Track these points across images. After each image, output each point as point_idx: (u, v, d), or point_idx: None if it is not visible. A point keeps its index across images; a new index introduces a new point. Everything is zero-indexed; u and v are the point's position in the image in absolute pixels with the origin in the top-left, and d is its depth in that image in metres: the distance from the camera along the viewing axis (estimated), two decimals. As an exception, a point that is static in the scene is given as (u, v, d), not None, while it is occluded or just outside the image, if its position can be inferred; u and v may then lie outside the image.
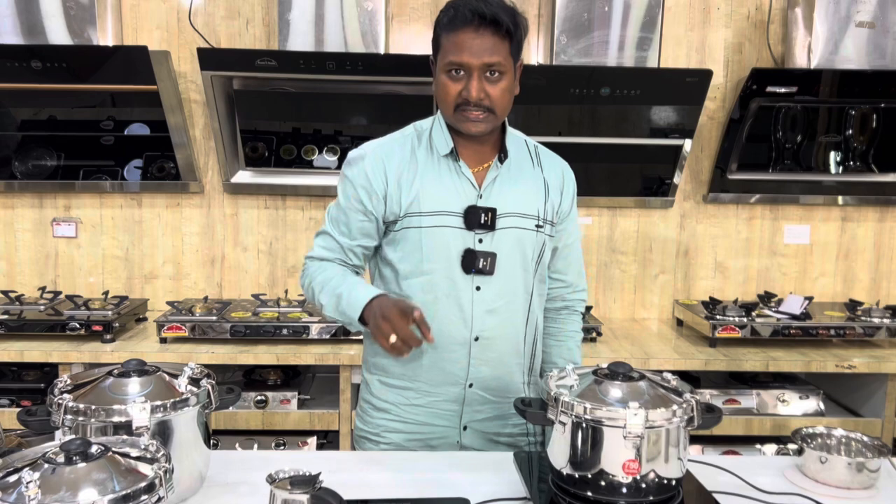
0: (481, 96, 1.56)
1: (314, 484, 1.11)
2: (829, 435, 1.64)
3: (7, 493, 0.97)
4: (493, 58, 1.54)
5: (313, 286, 1.67)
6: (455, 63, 1.56)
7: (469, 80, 1.56)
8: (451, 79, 1.58)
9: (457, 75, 1.57)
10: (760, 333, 2.82)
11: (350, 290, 1.60)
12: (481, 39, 1.54)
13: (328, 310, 1.63)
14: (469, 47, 1.54)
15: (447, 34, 1.57)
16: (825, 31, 2.89)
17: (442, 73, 1.59)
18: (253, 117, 3.02)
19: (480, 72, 1.55)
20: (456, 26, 1.55)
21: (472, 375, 1.68)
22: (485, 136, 1.67)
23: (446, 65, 1.57)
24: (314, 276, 1.68)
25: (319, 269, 1.69)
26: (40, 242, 3.18)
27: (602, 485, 1.30)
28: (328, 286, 1.64)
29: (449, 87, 1.58)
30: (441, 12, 1.60)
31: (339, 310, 1.60)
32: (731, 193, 3.20)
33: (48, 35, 2.79)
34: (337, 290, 1.61)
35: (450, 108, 1.60)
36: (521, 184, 1.70)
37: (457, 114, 1.60)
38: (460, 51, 1.54)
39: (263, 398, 2.68)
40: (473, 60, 1.54)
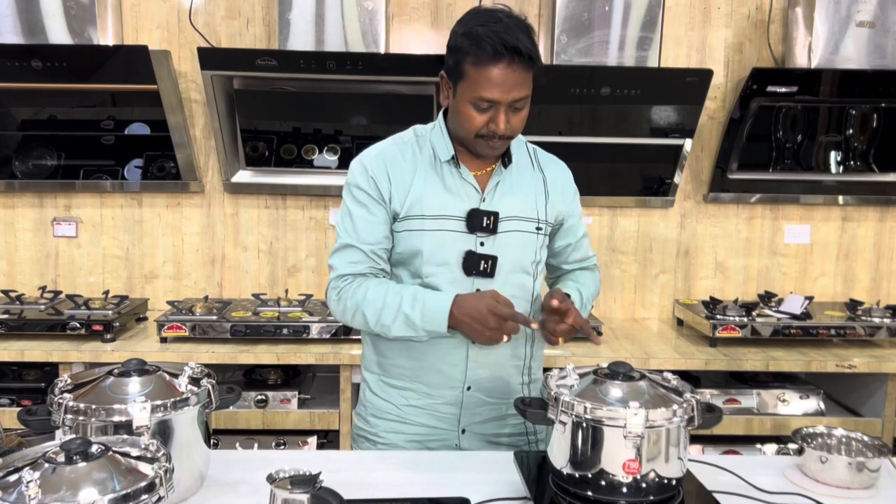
0: (507, 129, 1.56)
1: (314, 484, 1.11)
2: (829, 435, 1.64)
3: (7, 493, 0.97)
4: (522, 92, 1.54)
5: (364, 311, 1.60)
6: (486, 99, 1.53)
7: (497, 114, 1.55)
8: (478, 111, 1.56)
9: (483, 107, 1.55)
10: (761, 333, 2.82)
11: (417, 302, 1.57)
12: (514, 75, 1.51)
13: (396, 331, 1.58)
14: (501, 84, 1.51)
15: (476, 67, 1.52)
16: (825, 30, 2.89)
17: (467, 103, 1.56)
18: (253, 117, 3.02)
19: (508, 106, 1.54)
20: (486, 61, 1.50)
21: (471, 378, 1.69)
22: None
23: (474, 99, 1.54)
24: (360, 299, 1.61)
25: (360, 290, 1.62)
26: (41, 242, 3.18)
27: (602, 484, 1.30)
28: (387, 306, 1.58)
29: (474, 120, 1.57)
30: (461, 37, 1.54)
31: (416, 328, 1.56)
32: (731, 193, 3.20)
33: (48, 34, 2.79)
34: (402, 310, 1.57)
35: (471, 136, 1.60)
36: (523, 187, 1.71)
37: (477, 140, 1.60)
38: (491, 87, 1.51)
39: (264, 398, 2.68)
40: (504, 97, 1.53)
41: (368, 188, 1.66)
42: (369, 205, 1.66)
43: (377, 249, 1.66)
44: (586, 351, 2.73)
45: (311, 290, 3.17)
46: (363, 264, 1.65)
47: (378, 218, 1.66)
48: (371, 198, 1.66)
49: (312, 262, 3.22)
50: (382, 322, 1.59)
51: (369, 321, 1.61)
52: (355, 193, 1.68)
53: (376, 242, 1.66)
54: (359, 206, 1.67)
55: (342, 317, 1.67)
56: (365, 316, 1.61)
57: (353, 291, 1.62)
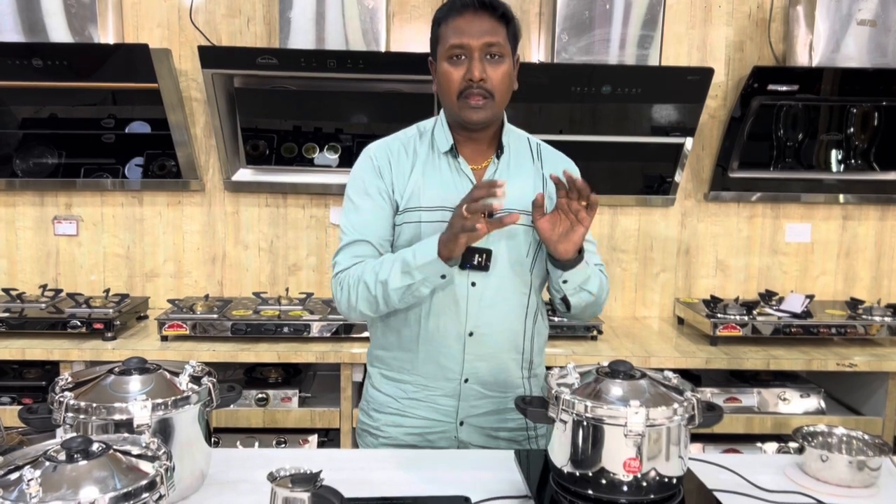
0: (483, 77, 1.58)
1: (315, 482, 1.11)
2: (829, 433, 1.64)
3: (8, 491, 0.97)
4: (493, 37, 1.58)
5: (364, 279, 1.59)
6: (456, 45, 1.58)
7: (471, 62, 1.58)
8: (453, 64, 1.60)
9: (458, 60, 1.59)
10: (761, 332, 2.82)
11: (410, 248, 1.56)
12: (480, 21, 1.58)
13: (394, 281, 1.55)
14: (468, 30, 1.58)
15: (446, 22, 1.61)
16: (826, 29, 2.89)
17: (443, 61, 1.61)
18: (254, 115, 3.02)
19: (481, 53, 1.58)
20: (454, 12, 1.60)
21: (468, 371, 1.69)
22: (484, 131, 1.68)
23: (448, 49, 1.59)
24: (361, 272, 1.61)
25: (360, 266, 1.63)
26: (41, 240, 3.18)
27: (603, 483, 1.30)
28: (384, 262, 1.58)
29: (451, 74, 1.60)
30: (438, 10, 1.65)
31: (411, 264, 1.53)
32: (732, 192, 3.20)
33: (49, 33, 2.79)
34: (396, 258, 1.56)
35: (453, 96, 1.62)
36: (520, 179, 1.71)
37: (460, 101, 1.61)
38: (461, 33, 1.58)
39: (264, 396, 2.68)
40: (474, 41, 1.57)
41: (374, 178, 1.68)
42: (375, 196, 1.67)
43: (383, 241, 1.67)
44: (587, 350, 2.74)
45: (311, 288, 3.17)
46: (367, 256, 1.66)
47: (383, 211, 1.67)
48: (377, 188, 1.67)
49: (313, 260, 3.22)
50: (381, 279, 1.57)
51: (370, 286, 1.59)
52: (361, 186, 1.69)
53: (383, 234, 1.67)
54: (365, 198, 1.68)
55: (347, 302, 1.64)
56: (366, 284, 1.59)
57: (353, 271, 1.64)
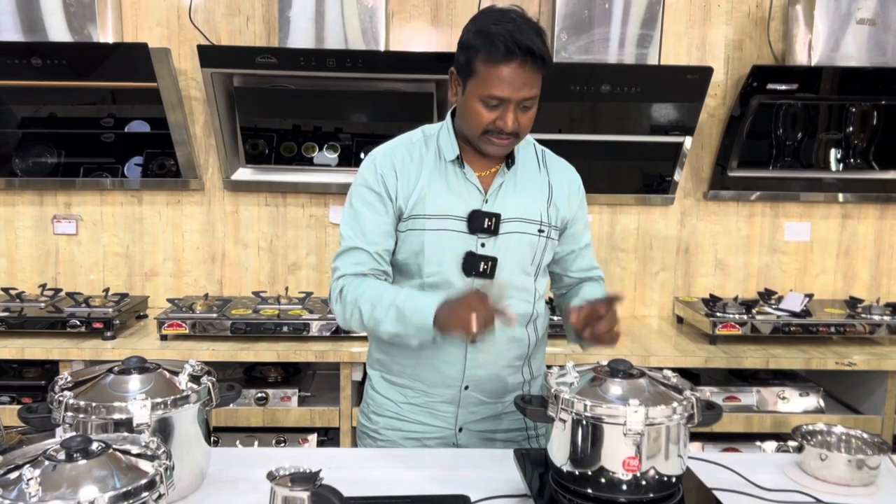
0: (515, 127, 1.56)
1: (314, 481, 1.11)
2: (829, 432, 1.64)
3: (8, 490, 0.98)
4: (532, 91, 1.54)
5: (360, 305, 1.59)
6: (495, 97, 1.53)
7: (505, 112, 1.55)
8: (486, 107, 1.56)
9: (492, 104, 1.55)
10: (761, 331, 2.82)
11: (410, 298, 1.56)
12: (525, 75, 1.51)
13: (387, 325, 1.56)
14: (511, 82, 1.51)
15: (487, 65, 1.52)
16: (826, 28, 2.89)
17: (476, 100, 1.56)
18: (253, 114, 3.02)
19: (517, 104, 1.55)
20: (497, 59, 1.51)
21: (468, 377, 1.69)
22: None
23: (483, 96, 1.54)
24: (359, 295, 1.60)
25: (360, 287, 1.61)
26: (41, 240, 3.18)
27: (602, 482, 1.30)
28: (382, 302, 1.57)
29: (482, 116, 1.56)
30: (473, 35, 1.55)
31: (406, 320, 1.53)
32: (731, 191, 3.20)
33: (48, 32, 2.79)
34: (395, 303, 1.55)
35: (477, 132, 1.60)
36: (527, 188, 1.70)
37: (483, 137, 1.59)
38: (502, 84, 1.51)
39: (264, 395, 2.68)
40: (513, 95, 1.53)
41: (377, 186, 1.66)
42: (377, 204, 1.66)
43: (381, 251, 1.66)
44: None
45: (311, 287, 3.17)
46: (367, 266, 1.65)
47: (384, 218, 1.66)
48: (379, 196, 1.66)
49: (312, 259, 3.22)
50: (375, 317, 1.57)
51: (364, 316, 1.59)
52: (363, 193, 1.68)
53: (381, 244, 1.66)
54: (366, 206, 1.67)
55: (342, 316, 1.65)
56: (361, 311, 1.59)
57: (354, 288, 1.62)
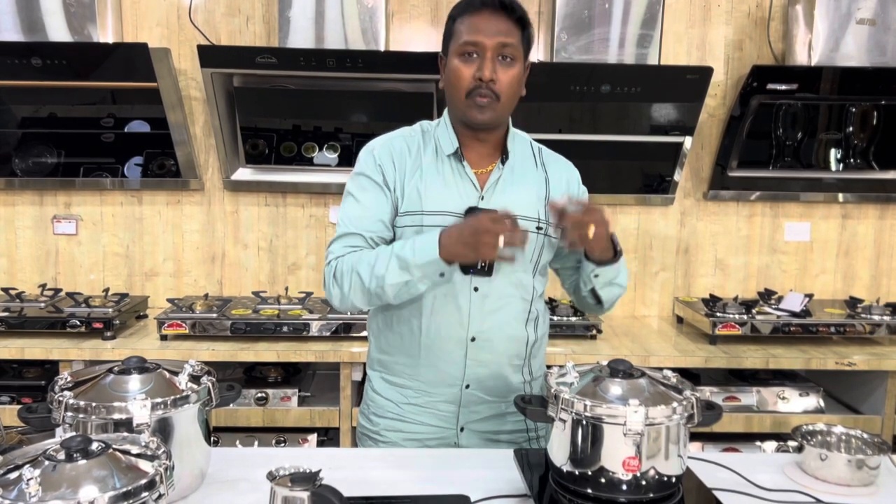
0: (493, 77, 1.57)
1: (314, 481, 1.11)
2: (828, 432, 1.64)
3: (8, 490, 0.97)
4: (507, 38, 1.57)
5: (358, 269, 1.56)
6: (470, 42, 1.56)
7: (482, 61, 1.57)
8: (465, 62, 1.58)
9: (470, 58, 1.58)
10: (760, 331, 2.82)
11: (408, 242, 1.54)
12: (496, 20, 1.57)
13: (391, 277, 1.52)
14: (485, 28, 1.56)
15: (462, 18, 1.59)
16: (826, 28, 2.89)
17: (455, 57, 1.59)
18: (253, 114, 3.02)
19: (494, 52, 1.57)
20: (473, 10, 1.58)
21: (469, 376, 1.68)
22: (489, 133, 1.67)
23: (461, 46, 1.58)
24: (355, 263, 1.57)
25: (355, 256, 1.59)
26: (41, 240, 3.18)
27: (602, 482, 1.30)
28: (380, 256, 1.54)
29: (462, 71, 1.58)
30: (454, 6, 1.63)
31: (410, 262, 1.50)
32: (731, 191, 3.20)
33: (48, 32, 2.79)
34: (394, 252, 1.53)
35: (461, 93, 1.60)
36: (524, 185, 1.70)
37: (468, 100, 1.59)
38: (476, 31, 1.56)
39: (264, 395, 2.68)
40: (488, 40, 1.56)
41: (375, 174, 1.66)
42: (374, 192, 1.66)
43: (377, 237, 1.65)
44: (586, 349, 2.74)
45: (311, 287, 3.17)
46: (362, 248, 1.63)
47: (382, 206, 1.65)
48: (376, 184, 1.66)
49: (312, 259, 3.22)
50: (377, 273, 1.54)
51: (364, 279, 1.55)
52: (360, 181, 1.68)
53: (377, 230, 1.65)
54: (363, 193, 1.67)
55: (341, 293, 1.61)
56: (360, 276, 1.56)
57: (347, 261, 1.60)
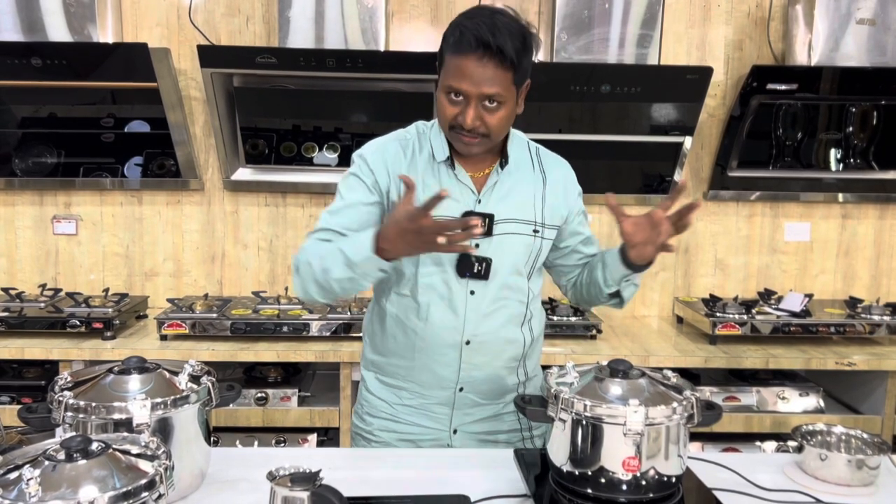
0: (476, 125, 1.54)
1: (314, 481, 1.11)
2: (828, 432, 1.64)
3: (8, 490, 0.98)
4: (491, 88, 1.51)
5: (310, 260, 1.55)
6: (454, 88, 1.53)
7: (466, 108, 1.53)
8: (450, 101, 1.55)
9: (455, 99, 1.54)
10: (760, 331, 2.82)
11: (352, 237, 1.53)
12: (483, 69, 1.49)
13: (335, 270, 1.51)
14: (470, 75, 1.50)
15: (451, 56, 1.53)
16: (826, 28, 2.89)
17: (442, 92, 1.56)
18: (253, 114, 3.02)
19: (478, 100, 1.52)
20: (460, 50, 1.50)
21: (463, 379, 1.68)
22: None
23: (445, 87, 1.55)
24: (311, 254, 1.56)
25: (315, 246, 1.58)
26: (41, 240, 3.18)
27: (602, 482, 1.30)
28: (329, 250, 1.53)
29: (446, 109, 1.56)
30: (449, 29, 1.56)
31: (349, 258, 1.49)
32: (731, 191, 3.20)
33: (48, 32, 2.79)
34: (340, 246, 1.52)
35: (445, 127, 1.60)
36: (521, 189, 1.69)
37: (452, 133, 1.59)
38: (461, 77, 1.51)
39: (264, 395, 2.68)
40: (472, 89, 1.51)
41: (366, 176, 1.65)
42: (362, 191, 1.64)
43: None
44: (586, 349, 2.74)
45: (311, 287, 3.17)
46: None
47: (368, 206, 1.63)
48: (365, 185, 1.64)
49: (312, 259, 3.21)
50: (324, 266, 1.52)
51: (315, 270, 1.54)
52: (350, 181, 1.66)
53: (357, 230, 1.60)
54: (350, 192, 1.65)
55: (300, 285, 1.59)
56: (312, 266, 1.54)
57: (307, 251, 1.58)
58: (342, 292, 1.56)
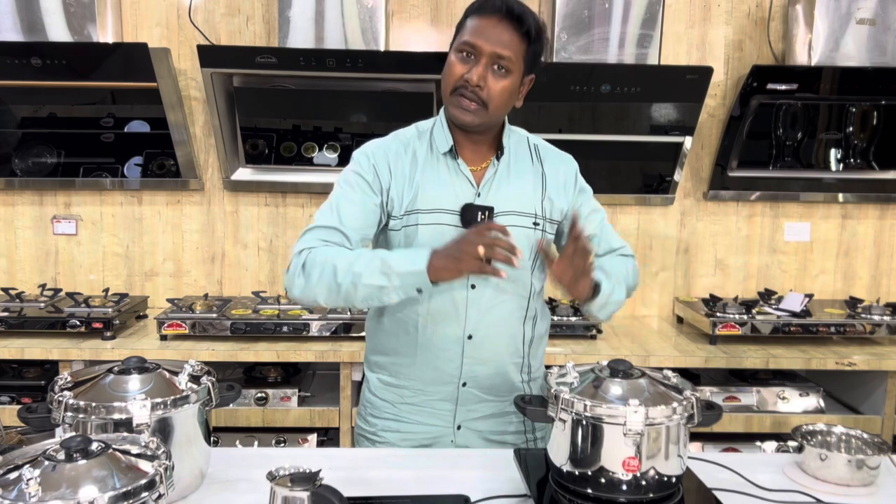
0: (480, 83, 1.56)
1: (314, 481, 1.11)
2: (828, 432, 1.64)
3: (8, 490, 0.97)
4: (505, 50, 1.55)
5: (335, 262, 1.50)
6: (468, 43, 1.56)
7: (475, 65, 1.56)
8: (460, 59, 1.58)
9: (466, 58, 1.57)
10: (760, 331, 2.82)
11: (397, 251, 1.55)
12: (501, 31, 1.55)
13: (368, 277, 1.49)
14: (487, 34, 1.55)
15: (472, 17, 1.58)
16: (826, 28, 2.89)
17: (453, 52, 1.59)
18: (253, 114, 3.02)
19: (489, 60, 1.55)
20: (483, 12, 1.56)
21: (466, 374, 1.68)
22: (481, 135, 1.67)
23: (460, 44, 1.58)
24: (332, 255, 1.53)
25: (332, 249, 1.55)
26: (41, 240, 3.18)
27: (602, 482, 1.30)
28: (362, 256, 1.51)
29: (454, 67, 1.58)
30: (471, 4, 1.61)
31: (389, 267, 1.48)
32: (731, 191, 3.20)
33: (48, 32, 2.79)
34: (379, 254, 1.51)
35: (448, 89, 1.60)
36: (520, 181, 1.70)
37: (452, 97, 1.59)
38: (478, 34, 1.55)
39: (264, 395, 2.68)
40: (486, 46, 1.54)
41: (367, 174, 1.65)
42: (363, 187, 1.64)
43: (355, 236, 1.61)
44: (586, 349, 2.74)
45: (311, 287, 3.17)
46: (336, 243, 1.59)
47: (367, 204, 1.63)
48: (367, 184, 1.64)
49: (312, 259, 3.21)
50: (355, 269, 1.49)
51: (339, 273, 1.50)
52: (351, 178, 1.65)
53: (358, 228, 1.61)
54: (350, 188, 1.64)
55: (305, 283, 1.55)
56: (336, 268, 1.50)
57: (323, 251, 1.55)
58: (362, 301, 1.53)
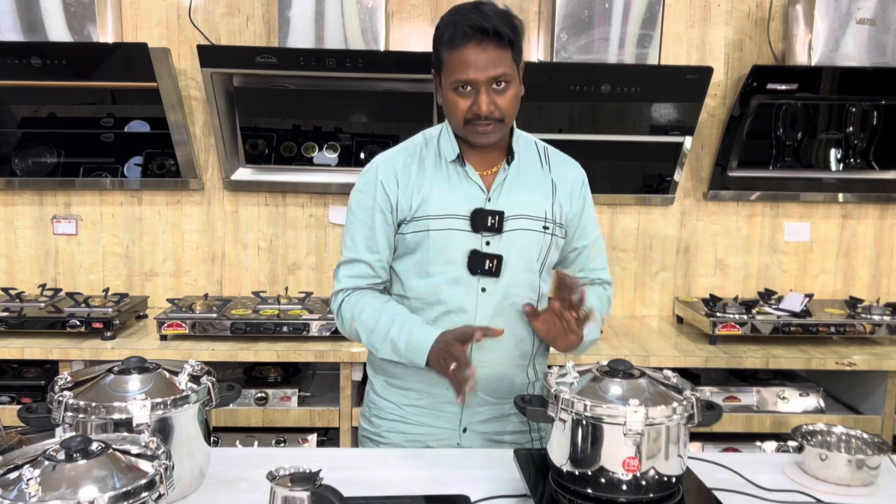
0: (491, 109, 1.56)
1: (314, 481, 1.11)
2: (829, 432, 1.64)
3: (8, 490, 0.98)
4: (497, 70, 1.54)
5: (357, 328, 1.68)
6: (461, 80, 1.55)
7: (477, 95, 1.55)
8: (460, 95, 1.57)
9: (464, 91, 1.56)
10: (760, 331, 2.82)
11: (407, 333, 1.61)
12: (485, 54, 1.53)
13: (383, 353, 1.65)
14: (474, 63, 1.53)
15: (449, 52, 1.56)
16: (826, 28, 2.89)
17: (449, 90, 1.58)
18: (253, 114, 3.02)
19: (487, 85, 1.55)
20: (457, 43, 1.54)
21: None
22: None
23: (452, 83, 1.56)
24: (356, 314, 1.67)
25: (357, 306, 1.68)
26: (41, 240, 3.18)
27: (602, 482, 1.30)
28: (378, 329, 1.64)
29: (458, 104, 1.58)
30: (438, 28, 1.60)
31: (401, 355, 1.62)
32: (731, 191, 3.20)
33: (48, 32, 2.79)
34: (390, 335, 1.62)
35: (460, 123, 1.60)
36: (530, 185, 1.70)
37: (467, 127, 1.60)
38: (465, 68, 1.53)
39: (264, 395, 2.68)
40: (479, 76, 1.53)
41: (378, 195, 1.67)
42: (375, 214, 1.67)
43: (378, 262, 1.69)
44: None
45: (310, 287, 3.17)
46: (364, 279, 1.70)
47: (382, 230, 1.67)
48: (378, 207, 1.66)
49: (312, 259, 3.22)
50: (372, 343, 1.67)
51: (362, 338, 1.69)
52: (363, 200, 1.69)
53: (379, 253, 1.68)
54: (365, 214, 1.68)
55: (342, 329, 1.74)
56: (359, 333, 1.69)
57: (352, 306, 1.69)
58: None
